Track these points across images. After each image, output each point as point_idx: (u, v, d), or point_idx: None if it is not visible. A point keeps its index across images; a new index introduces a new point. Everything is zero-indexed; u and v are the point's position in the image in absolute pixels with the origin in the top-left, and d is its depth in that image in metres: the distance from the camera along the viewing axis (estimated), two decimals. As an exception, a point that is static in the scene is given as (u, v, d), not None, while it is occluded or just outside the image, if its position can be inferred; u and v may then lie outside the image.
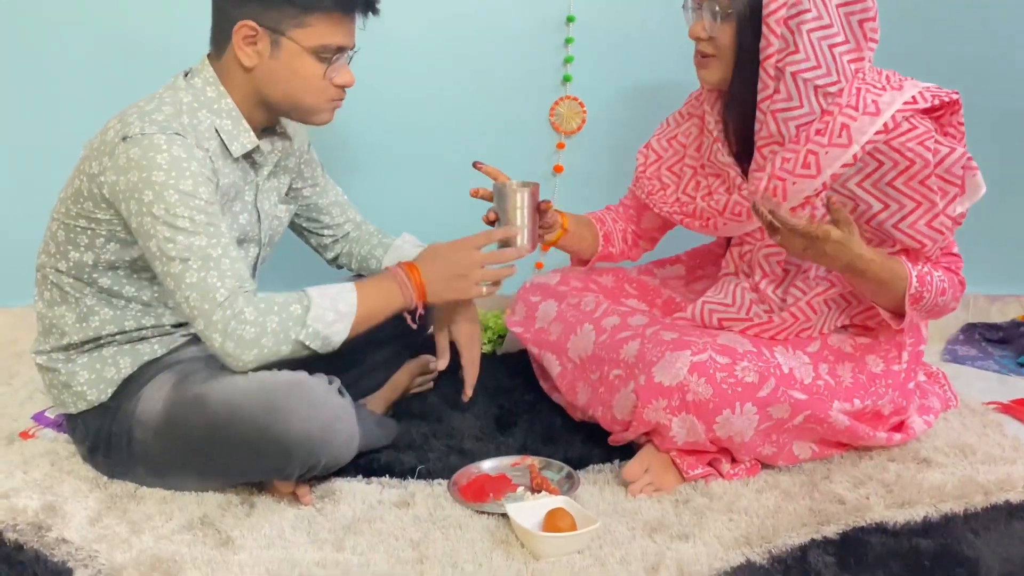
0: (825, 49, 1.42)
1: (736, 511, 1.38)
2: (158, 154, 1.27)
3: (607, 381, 1.51)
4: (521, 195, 1.48)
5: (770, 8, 1.40)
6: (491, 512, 1.36)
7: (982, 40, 2.11)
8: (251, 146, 1.40)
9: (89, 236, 1.37)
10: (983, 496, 1.42)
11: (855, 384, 1.50)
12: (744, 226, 1.58)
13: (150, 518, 1.34)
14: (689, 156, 1.67)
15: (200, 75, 1.39)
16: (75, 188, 1.36)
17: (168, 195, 1.26)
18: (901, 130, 1.41)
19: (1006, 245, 2.22)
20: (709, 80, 1.52)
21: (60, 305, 1.42)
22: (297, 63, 1.35)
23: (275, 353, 1.29)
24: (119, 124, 1.31)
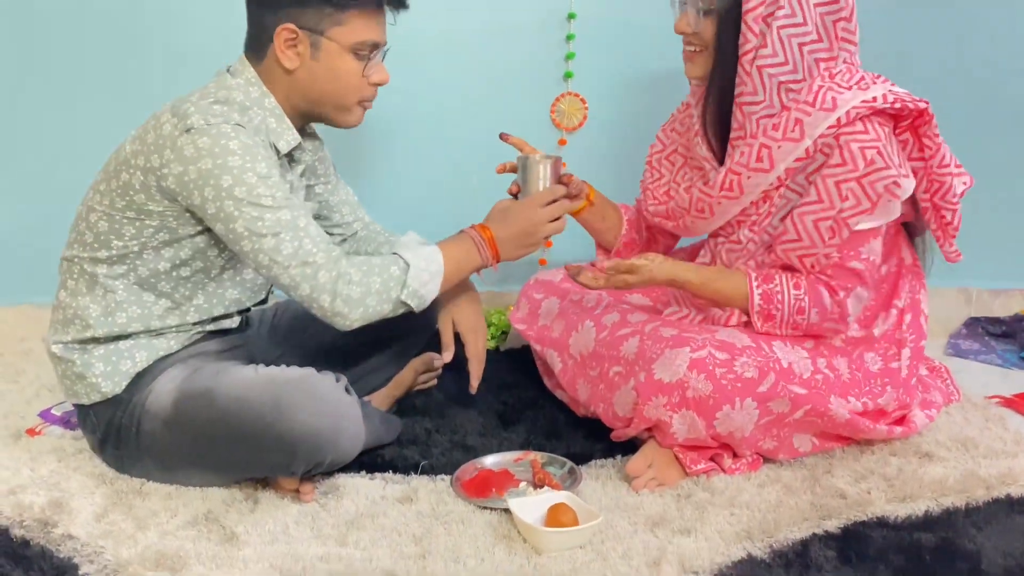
0: (794, 46, 1.42)
1: (738, 505, 1.38)
2: (229, 141, 1.30)
3: (607, 378, 1.52)
4: (544, 166, 1.53)
5: (749, 5, 1.42)
6: (493, 507, 1.37)
7: (985, 38, 2.10)
8: (295, 143, 1.43)
9: (137, 227, 1.38)
10: (985, 490, 1.42)
11: (852, 380, 1.50)
12: (710, 223, 1.58)
13: (155, 514, 1.35)
14: (681, 145, 1.68)
15: (242, 75, 1.41)
16: (123, 181, 1.36)
17: (248, 177, 1.30)
18: (853, 128, 1.41)
19: (1008, 240, 2.22)
20: (694, 74, 1.54)
21: (85, 296, 1.42)
22: (337, 62, 1.38)
23: (378, 312, 1.35)
24: (175, 118, 1.32)
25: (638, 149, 2.07)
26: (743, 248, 1.55)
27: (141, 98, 1.99)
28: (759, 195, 1.50)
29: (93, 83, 2.01)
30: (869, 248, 1.46)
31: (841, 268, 1.46)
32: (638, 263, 1.47)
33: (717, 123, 1.54)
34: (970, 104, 2.13)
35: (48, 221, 2.08)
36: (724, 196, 1.52)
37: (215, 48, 1.93)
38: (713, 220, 1.57)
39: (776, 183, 1.48)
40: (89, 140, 2.02)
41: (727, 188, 1.51)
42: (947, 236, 1.54)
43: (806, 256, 1.46)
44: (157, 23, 1.97)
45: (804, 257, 1.46)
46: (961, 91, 2.11)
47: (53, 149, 2.06)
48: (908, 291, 1.61)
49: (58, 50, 1.99)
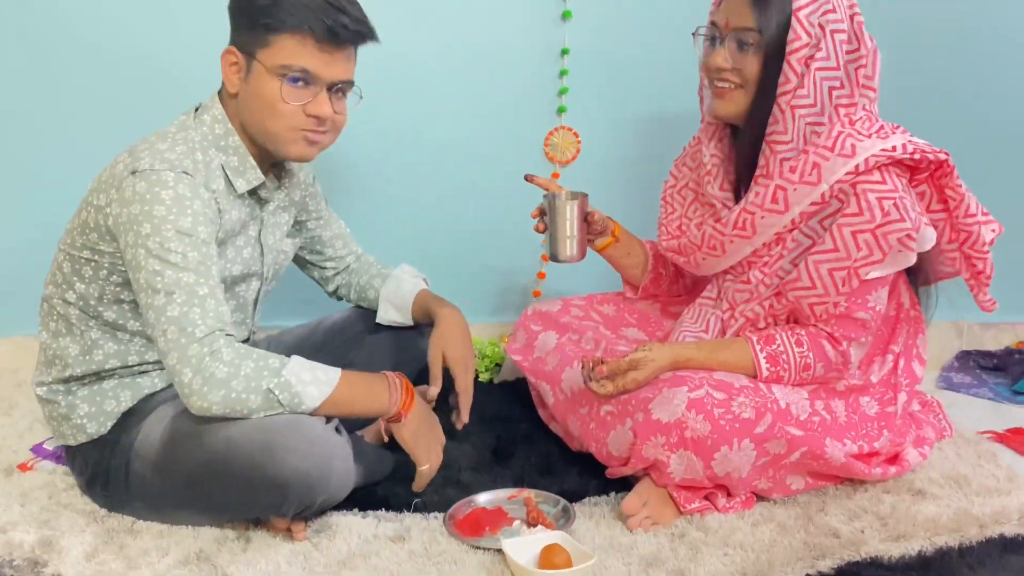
0: (824, 89, 1.44)
1: (732, 545, 1.38)
2: (163, 190, 1.28)
3: (598, 417, 1.52)
4: (570, 207, 1.57)
5: (794, 46, 1.41)
6: (487, 547, 1.36)
7: (971, 78, 2.13)
8: (256, 183, 1.41)
9: (93, 268, 1.38)
10: (978, 529, 1.42)
11: (849, 422, 1.50)
12: (721, 262, 1.59)
13: (146, 553, 1.35)
14: (692, 180, 1.69)
15: (209, 112, 1.40)
16: (82, 220, 1.37)
17: (165, 229, 1.27)
18: (870, 178, 1.41)
19: (1000, 274, 2.21)
20: (725, 112, 1.50)
21: (64, 336, 1.43)
22: (261, 85, 1.34)
23: (242, 401, 1.25)
24: (129, 159, 1.33)
25: (631, 183, 2.10)
26: (753, 289, 1.55)
27: (138, 127, 2.00)
28: (772, 237, 1.50)
29: (89, 115, 2.02)
30: (876, 297, 1.47)
31: (846, 318, 1.47)
32: (638, 357, 1.44)
33: (747, 162, 1.54)
34: (959, 139, 2.15)
35: (41, 253, 2.08)
36: (737, 235, 1.53)
37: (211, 74, 1.95)
38: (724, 259, 1.57)
39: (790, 226, 1.48)
40: (82, 174, 2.03)
41: (740, 227, 1.52)
42: (980, 285, 1.55)
43: (817, 304, 1.47)
44: (152, 60, 1.98)
45: (815, 305, 1.47)
46: (951, 121, 2.13)
47: (46, 182, 2.06)
48: (904, 336, 1.61)
49: (52, 84, 2.00)
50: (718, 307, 1.62)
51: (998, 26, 2.10)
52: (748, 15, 1.43)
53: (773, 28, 1.42)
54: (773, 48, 1.43)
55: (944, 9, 2.08)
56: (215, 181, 1.37)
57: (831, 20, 1.42)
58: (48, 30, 1.97)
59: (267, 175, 1.45)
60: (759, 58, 1.44)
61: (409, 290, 1.66)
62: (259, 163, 1.42)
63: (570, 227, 1.58)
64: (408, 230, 2.13)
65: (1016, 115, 2.16)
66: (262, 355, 1.28)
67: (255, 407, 1.27)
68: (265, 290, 1.55)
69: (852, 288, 1.44)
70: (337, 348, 1.68)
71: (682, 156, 1.74)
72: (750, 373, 1.47)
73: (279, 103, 1.34)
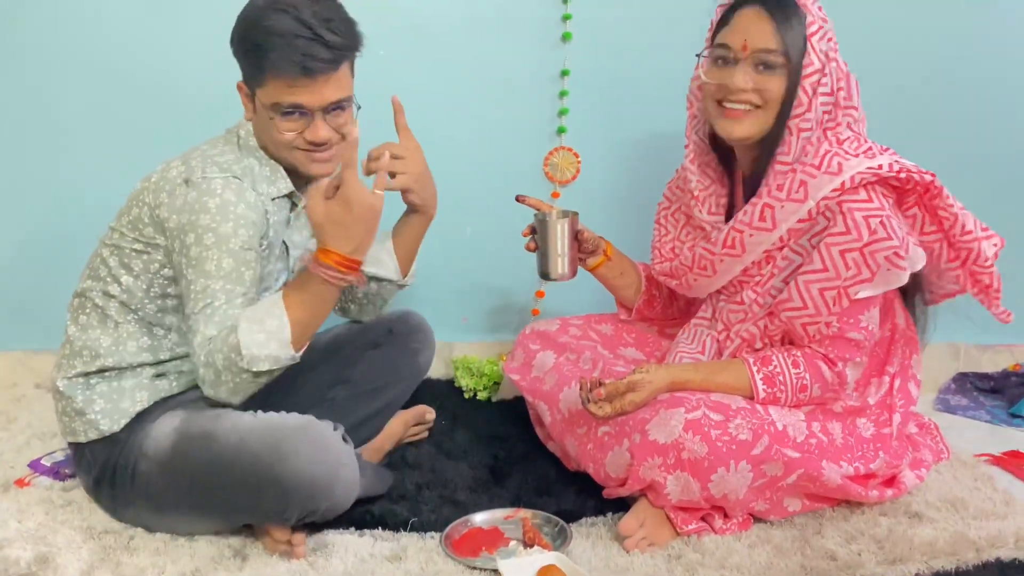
0: (820, 112, 1.46)
1: (728, 567, 1.38)
2: (211, 199, 1.35)
3: (596, 438, 1.52)
4: (561, 225, 1.59)
5: (808, 71, 1.44)
6: (483, 567, 1.36)
7: (970, 95, 2.15)
8: (287, 191, 1.47)
9: (144, 261, 1.42)
10: (975, 553, 1.42)
11: (845, 444, 1.51)
12: (712, 282, 1.60)
13: (143, 571, 1.35)
14: (685, 203, 1.70)
15: (244, 127, 1.48)
16: (133, 216, 1.43)
17: (207, 238, 1.34)
18: (856, 196, 1.42)
19: (997, 296, 2.24)
20: (743, 134, 1.49)
21: (96, 328, 1.45)
22: (263, 116, 1.42)
23: (243, 388, 1.34)
24: (182, 166, 1.40)
25: (630, 203, 2.11)
26: (747, 309, 1.56)
27: (143, 151, 2.01)
28: (761, 255, 1.52)
29: (88, 136, 2.03)
30: (868, 316, 1.47)
31: (840, 339, 1.47)
32: (635, 379, 1.45)
33: (753, 183, 1.54)
34: (953, 158, 2.16)
35: (41, 268, 2.10)
36: (726, 254, 1.54)
37: (209, 87, 1.97)
38: (715, 279, 1.58)
39: (779, 243, 1.49)
40: (83, 190, 2.05)
41: (729, 246, 1.53)
42: (991, 299, 1.55)
43: (809, 324, 1.47)
44: (160, 72, 2.00)
45: (807, 325, 1.47)
46: (946, 144, 2.15)
47: (46, 198, 2.07)
48: (900, 356, 1.62)
49: (53, 101, 2.01)
50: (713, 327, 1.63)
51: (999, 34, 2.12)
52: (771, 37, 1.44)
53: (796, 51, 1.44)
54: (795, 71, 1.45)
55: (942, 18, 2.09)
56: (261, 185, 1.43)
57: (832, 47, 1.46)
58: (40, 38, 1.98)
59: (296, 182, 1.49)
60: (783, 80, 1.45)
61: (380, 240, 1.64)
62: (289, 173, 1.47)
63: (561, 245, 1.59)
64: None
65: (1010, 135, 2.17)
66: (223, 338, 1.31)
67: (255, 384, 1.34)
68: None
69: (843, 307, 1.44)
70: (334, 365, 1.69)
71: (675, 179, 1.75)
72: (747, 394, 1.47)
73: (278, 134, 1.41)
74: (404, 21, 1.99)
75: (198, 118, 1.95)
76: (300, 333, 1.34)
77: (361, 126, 1.44)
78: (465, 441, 1.76)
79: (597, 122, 2.08)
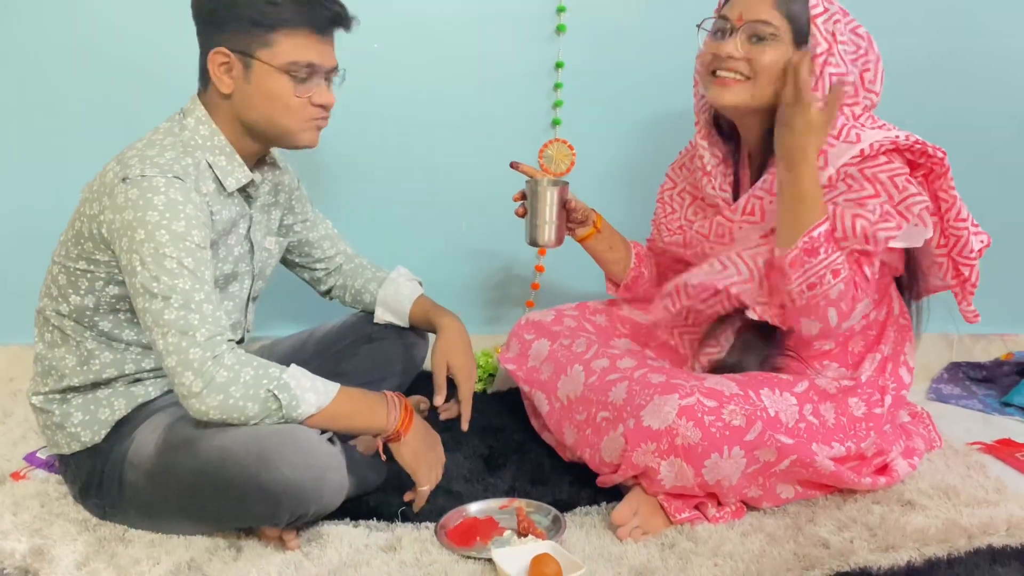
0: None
1: (721, 555, 1.38)
2: (155, 195, 1.29)
3: (594, 423, 1.52)
4: (550, 193, 1.60)
5: (817, 51, 1.45)
6: (477, 557, 1.37)
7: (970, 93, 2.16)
8: (245, 180, 1.43)
9: (89, 279, 1.38)
10: (966, 540, 1.43)
11: (837, 425, 1.51)
12: (728, 248, 1.60)
13: (137, 562, 1.35)
14: (690, 183, 1.73)
15: (192, 114, 1.41)
16: (75, 230, 1.38)
17: (160, 235, 1.27)
18: (877, 161, 1.45)
19: (990, 286, 2.22)
20: (729, 102, 1.51)
21: (60, 347, 1.43)
22: (269, 83, 1.36)
23: (239, 408, 1.26)
24: (118, 166, 1.34)
25: (625, 193, 2.12)
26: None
27: (130, 134, 2.01)
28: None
29: (85, 123, 2.03)
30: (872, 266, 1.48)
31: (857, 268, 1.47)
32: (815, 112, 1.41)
33: (758, 156, 1.57)
34: (963, 157, 2.17)
35: (37, 262, 2.09)
36: (746, 220, 1.56)
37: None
38: (733, 247, 1.59)
39: None
40: (78, 182, 2.05)
41: (749, 212, 1.55)
42: (965, 293, 1.57)
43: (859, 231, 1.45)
44: (142, 56, 2.00)
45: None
46: (939, 136, 2.15)
47: (40, 191, 2.07)
48: (893, 340, 1.63)
49: (43, 93, 2.01)
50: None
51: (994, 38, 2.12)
52: (768, 10, 1.47)
53: (800, 26, 1.46)
54: (790, 46, 1.47)
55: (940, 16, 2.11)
56: (205, 184, 1.38)
57: (839, 29, 1.47)
58: (34, 33, 1.98)
59: (252, 171, 1.46)
60: (775, 50, 1.47)
61: (407, 295, 1.69)
62: (246, 160, 1.43)
63: (549, 212, 1.61)
64: (403, 240, 2.14)
65: (1008, 128, 2.18)
66: (263, 363, 1.29)
67: (252, 415, 1.27)
68: (256, 287, 1.56)
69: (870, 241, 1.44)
70: (329, 359, 1.69)
71: (679, 160, 1.78)
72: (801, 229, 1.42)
73: (291, 98, 1.37)
74: (398, 13, 1.99)
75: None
76: (331, 413, 1.32)
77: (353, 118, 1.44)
78: (460, 432, 1.76)
79: (591, 114, 2.09)
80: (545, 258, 2.18)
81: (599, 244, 1.76)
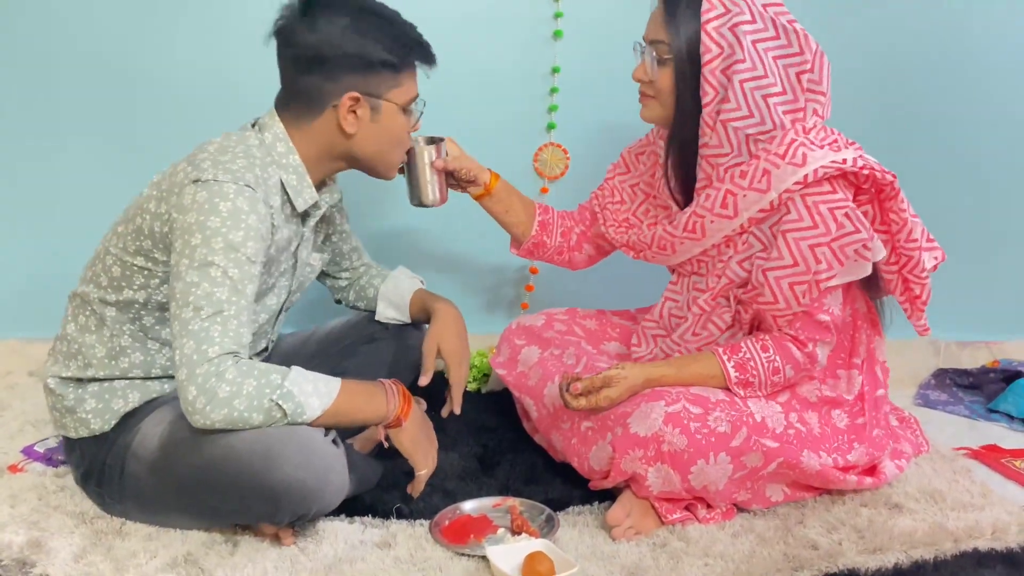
0: (758, 99, 1.43)
1: (712, 556, 1.40)
2: (223, 201, 1.29)
3: (579, 432, 1.54)
4: (427, 152, 1.60)
5: (705, 59, 1.43)
6: (471, 554, 1.38)
7: (954, 96, 2.19)
8: (312, 201, 1.45)
9: (145, 276, 1.39)
10: (952, 543, 1.45)
11: (823, 434, 1.53)
12: (671, 259, 1.62)
13: (134, 555, 1.36)
14: (644, 182, 1.71)
15: (270, 130, 1.42)
16: (136, 225, 1.38)
17: (215, 242, 1.28)
18: (820, 189, 1.42)
19: (976, 293, 2.28)
20: (646, 117, 1.56)
21: (92, 334, 1.44)
22: (393, 122, 1.44)
23: (244, 419, 1.26)
24: (190, 168, 1.34)
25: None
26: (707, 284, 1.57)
27: (141, 143, 2.04)
28: (721, 239, 1.53)
29: (86, 130, 2.05)
30: (831, 300, 1.49)
31: (808, 320, 1.48)
32: (611, 374, 1.46)
33: (680, 171, 1.56)
34: (939, 163, 2.20)
35: (38, 258, 2.11)
36: (687, 237, 1.55)
37: (206, 83, 1.98)
38: (675, 256, 1.61)
39: (739, 230, 1.50)
40: (84, 181, 2.06)
41: (690, 230, 1.54)
42: (916, 309, 1.55)
43: (780, 316, 1.49)
44: (147, 60, 2.01)
45: (778, 317, 1.49)
46: (926, 145, 2.19)
47: (48, 188, 2.08)
48: (864, 344, 1.62)
49: (60, 92, 2.03)
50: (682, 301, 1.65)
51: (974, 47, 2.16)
52: (660, 28, 1.48)
53: (683, 42, 1.45)
54: (683, 61, 1.46)
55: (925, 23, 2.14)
56: (273, 198, 1.38)
57: (747, 29, 1.42)
58: (38, 35, 1.99)
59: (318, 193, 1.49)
60: (669, 71, 1.48)
61: (407, 288, 1.71)
62: (313, 182, 1.45)
63: (429, 172, 1.61)
64: (398, 242, 2.16)
65: (1000, 132, 2.21)
66: (264, 371, 1.28)
67: (256, 424, 1.27)
68: (290, 301, 1.57)
69: (812, 298, 1.45)
70: (331, 358, 1.70)
71: (636, 147, 1.75)
72: (721, 383, 1.49)
73: (405, 134, 1.48)
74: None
75: (196, 113, 1.97)
76: (334, 412, 1.32)
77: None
78: (455, 431, 1.78)
79: (586, 119, 2.11)
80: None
81: (493, 205, 1.74)
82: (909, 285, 1.53)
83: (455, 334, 1.60)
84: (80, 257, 1.52)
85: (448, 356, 1.58)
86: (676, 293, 1.66)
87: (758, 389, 1.50)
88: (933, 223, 1.55)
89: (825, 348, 1.52)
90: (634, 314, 1.89)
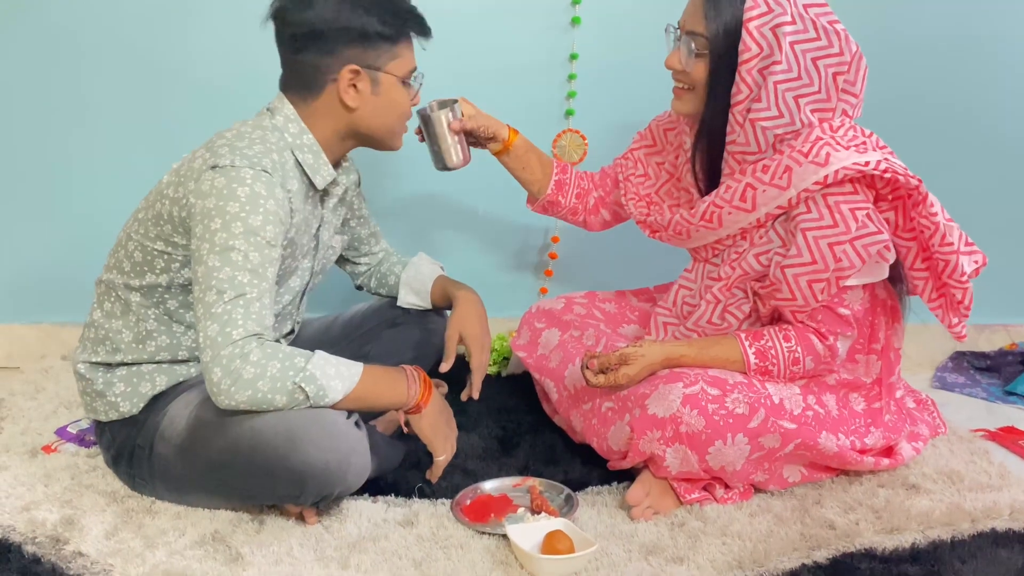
0: (790, 100, 1.42)
1: (729, 535, 1.42)
2: (240, 186, 1.32)
3: (599, 413, 1.56)
4: (444, 115, 1.62)
5: (744, 57, 1.42)
6: (492, 533, 1.41)
7: (972, 82, 2.18)
8: (331, 178, 1.47)
9: (166, 260, 1.42)
10: (970, 523, 1.46)
11: (840, 417, 1.54)
12: (686, 243, 1.63)
13: (164, 533, 1.39)
14: (669, 162, 1.71)
15: (280, 112, 1.44)
16: (156, 211, 1.41)
17: (235, 227, 1.30)
18: (841, 188, 1.41)
19: (994, 277, 2.24)
20: (680, 110, 1.56)
21: (118, 319, 1.47)
22: (394, 93, 1.45)
23: (268, 401, 1.27)
24: (208, 154, 1.36)
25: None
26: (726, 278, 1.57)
27: (165, 129, 2.06)
28: (737, 231, 1.53)
29: (119, 112, 2.07)
30: (852, 296, 1.49)
31: (829, 313, 1.48)
32: (628, 352, 1.47)
33: (707, 163, 1.56)
34: (951, 142, 2.19)
35: (70, 243, 2.14)
36: (703, 225, 1.55)
37: (225, 71, 2.00)
38: (689, 241, 1.62)
39: (755, 224, 1.50)
40: (112, 167, 2.09)
41: (707, 219, 1.54)
42: (959, 316, 1.51)
43: (799, 312, 1.48)
44: (189, 58, 2.04)
45: (797, 312, 1.49)
46: (942, 127, 2.17)
47: (76, 174, 2.11)
48: (883, 329, 1.62)
49: (86, 79, 2.05)
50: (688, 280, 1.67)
51: (998, 41, 2.14)
52: (700, 20, 1.45)
53: (721, 36, 1.43)
54: (720, 56, 1.44)
55: (944, 25, 2.12)
56: (290, 181, 1.41)
57: (788, 31, 1.40)
58: (64, 23, 2.02)
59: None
60: (705, 64, 1.46)
61: (428, 275, 1.73)
62: (329, 160, 1.47)
63: (449, 135, 1.63)
64: (419, 227, 2.18)
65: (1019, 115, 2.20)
66: (288, 354, 1.30)
67: (280, 406, 1.29)
68: (313, 283, 1.60)
69: (830, 295, 1.45)
70: (354, 342, 1.73)
71: (666, 120, 1.74)
72: (740, 368, 1.50)
73: (407, 106, 1.48)
74: (415, 4, 2.02)
75: (220, 102, 1.99)
76: (356, 396, 1.34)
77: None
78: (476, 413, 1.81)
79: (604, 105, 2.11)
80: (558, 245, 2.21)
81: (511, 162, 1.74)
82: (950, 290, 1.50)
83: (476, 321, 1.62)
84: (108, 241, 1.55)
85: (470, 342, 1.60)
86: (690, 280, 1.66)
87: (776, 378, 1.51)
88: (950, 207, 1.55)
89: (846, 342, 1.53)
90: (653, 293, 1.90)
